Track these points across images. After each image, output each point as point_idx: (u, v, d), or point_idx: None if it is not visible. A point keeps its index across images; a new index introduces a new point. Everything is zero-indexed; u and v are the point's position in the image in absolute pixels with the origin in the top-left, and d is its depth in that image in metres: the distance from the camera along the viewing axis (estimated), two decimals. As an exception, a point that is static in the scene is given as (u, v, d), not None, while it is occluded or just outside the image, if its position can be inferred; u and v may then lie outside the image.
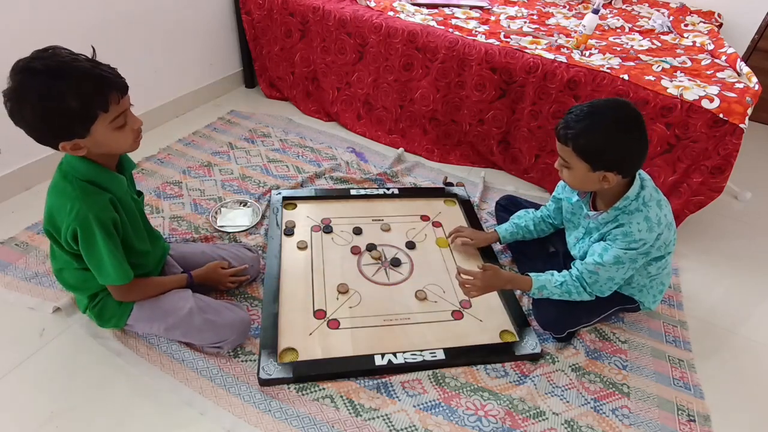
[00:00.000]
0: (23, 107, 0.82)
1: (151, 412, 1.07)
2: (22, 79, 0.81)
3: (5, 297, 1.28)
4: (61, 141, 0.86)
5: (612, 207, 1.13)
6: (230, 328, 1.16)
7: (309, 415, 1.08)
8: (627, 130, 1.03)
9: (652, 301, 1.29)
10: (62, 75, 0.81)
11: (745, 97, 1.52)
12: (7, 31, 1.45)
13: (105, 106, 0.85)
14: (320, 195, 1.74)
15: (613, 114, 1.03)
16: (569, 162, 1.08)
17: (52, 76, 0.80)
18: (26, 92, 0.81)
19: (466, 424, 1.10)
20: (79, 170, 0.93)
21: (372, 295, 1.38)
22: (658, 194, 1.14)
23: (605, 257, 1.13)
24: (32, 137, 0.87)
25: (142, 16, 1.85)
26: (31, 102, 0.81)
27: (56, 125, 0.84)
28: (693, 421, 1.16)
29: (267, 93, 2.44)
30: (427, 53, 1.92)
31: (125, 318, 1.13)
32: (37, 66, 0.81)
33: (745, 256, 1.74)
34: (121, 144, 0.93)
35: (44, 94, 0.80)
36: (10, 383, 1.10)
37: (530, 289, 1.23)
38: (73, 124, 0.85)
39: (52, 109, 0.82)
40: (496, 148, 2.00)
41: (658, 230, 1.10)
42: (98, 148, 0.91)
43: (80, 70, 0.83)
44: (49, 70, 0.81)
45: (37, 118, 0.83)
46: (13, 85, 0.82)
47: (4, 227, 1.48)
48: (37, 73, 0.80)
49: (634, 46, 1.99)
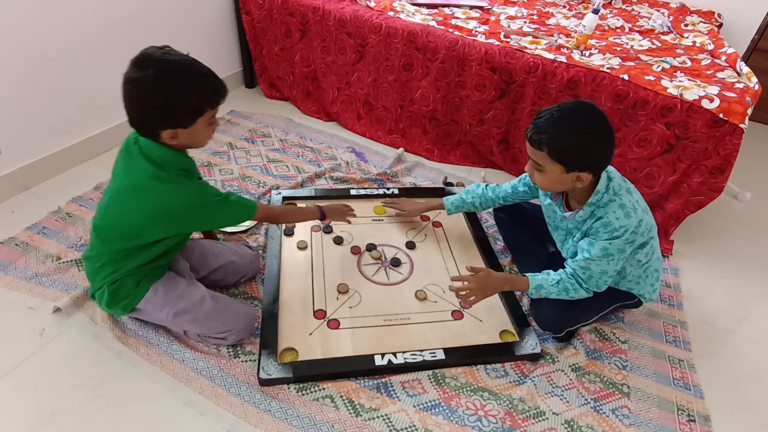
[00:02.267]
0: (151, 93, 0.89)
1: (151, 412, 1.07)
2: (160, 67, 0.89)
3: (5, 297, 1.28)
4: (168, 128, 0.94)
5: (586, 203, 1.15)
6: (238, 317, 1.18)
7: (309, 415, 1.08)
8: (598, 130, 1.05)
9: (651, 291, 1.29)
10: (187, 72, 0.92)
11: (745, 97, 1.52)
12: (7, 31, 1.45)
13: (215, 104, 0.97)
14: (320, 195, 1.74)
15: (584, 116, 1.05)
16: (542, 165, 1.09)
17: (180, 71, 0.91)
18: (162, 80, 0.89)
19: (466, 424, 1.10)
20: (176, 161, 1.02)
21: (372, 295, 1.38)
22: (626, 183, 1.16)
23: (593, 251, 1.14)
24: (138, 120, 0.94)
25: (142, 16, 1.85)
26: (164, 90, 0.89)
27: (175, 113, 0.93)
28: (693, 421, 1.16)
29: (267, 93, 2.44)
30: (427, 53, 1.92)
31: (137, 300, 1.13)
32: (170, 58, 0.91)
33: (745, 256, 1.74)
34: (204, 138, 1.03)
35: (174, 86, 0.90)
36: (10, 383, 1.10)
37: (528, 289, 1.23)
38: (187, 114, 0.94)
39: (179, 99, 0.91)
40: (496, 148, 2.00)
41: (637, 216, 1.11)
42: (187, 139, 0.99)
43: (200, 70, 0.94)
44: (182, 64, 0.92)
45: (161, 104, 0.91)
46: (142, 75, 0.88)
47: (4, 227, 1.48)
48: (173, 64, 0.90)
49: (634, 46, 1.99)
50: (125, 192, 1.01)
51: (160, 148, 0.99)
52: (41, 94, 1.61)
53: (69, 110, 1.72)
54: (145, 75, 0.88)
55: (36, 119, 1.63)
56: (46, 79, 1.60)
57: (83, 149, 1.80)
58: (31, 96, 1.59)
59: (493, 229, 1.69)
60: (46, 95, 1.63)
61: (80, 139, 1.79)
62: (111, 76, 1.81)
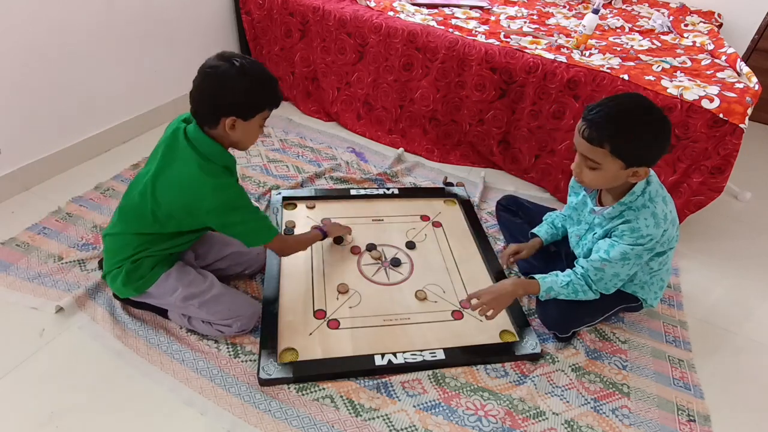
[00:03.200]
0: (234, 80, 0.98)
1: (151, 412, 1.08)
2: (243, 61, 0.99)
3: (7, 298, 1.28)
4: (230, 115, 1.01)
5: (618, 202, 1.13)
6: (245, 305, 1.23)
7: (309, 415, 1.08)
8: (659, 123, 1.02)
9: (653, 297, 1.29)
10: (264, 72, 1.04)
11: (745, 97, 1.52)
12: (7, 31, 1.45)
13: (273, 106, 1.07)
14: (320, 195, 1.74)
15: (642, 109, 1.02)
16: (600, 163, 1.05)
17: (259, 69, 1.03)
18: (245, 71, 0.99)
19: (466, 424, 1.10)
20: (221, 157, 1.07)
21: (372, 295, 1.38)
22: (663, 190, 1.14)
23: (612, 253, 1.13)
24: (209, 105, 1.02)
25: (143, 16, 1.85)
26: (244, 80, 0.99)
27: (245, 104, 1.02)
28: (693, 421, 1.16)
29: (267, 93, 2.44)
30: (427, 53, 1.92)
31: (150, 283, 1.16)
32: (248, 58, 1.02)
33: (745, 256, 1.74)
34: (251, 139, 1.11)
35: (255, 78, 1.01)
36: (10, 383, 1.10)
37: (539, 292, 1.23)
38: (252, 108, 1.03)
39: (252, 90, 1.01)
40: (496, 148, 2.00)
41: (665, 226, 1.10)
42: (240, 134, 1.06)
43: (272, 76, 1.06)
44: (257, 63, 1.04)
45: (239, 91, 0.99)
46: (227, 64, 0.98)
47: (4, 227, 1.48)
48: (252, 62, 1.02)
49: (634, 46, 1.99)
50: (166, 178, 1.05)
51: (210, 141, 1.05)
52: (41, 94, 1.61)
53: (69, 110, 1.72)
54: (230, 65, 0.98)
55: (36, 119, 1.63)
56: (46, 79, 1.60)
57: (83, 149, 1.80)
58: (31, 96, 1.59)
59: (494, 229, 1.69)
60: (46, 95, 1.63)
61: (80, 139, 1.79)
62: (111, 76, 1.83)
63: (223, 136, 1.05)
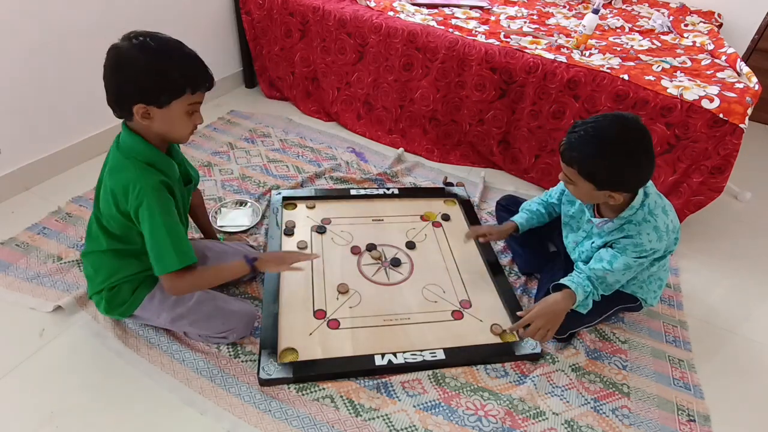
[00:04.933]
0: (133, 61, 0.87)
1: (151, 412, 1.07)
2: (143, 40, 0.87)
3: (6, 297, 1.28)
4: (141, 102, 0.89)
5: (617, 216, 1.13)
6: (238, 316, 1.18)
7: (309, 415, 1.08)
8: (633, 151, 1.00)
9: (653, 297, 1.29)
10: (175, 48, 0.91)
11: (745, 97, 1.52)
12: (6, 31, 1.45)
13: (195, 88, 0.93)
14: (320, 195, 1.74)
15: (619, 137, 1.00)
16: (574, 180, 1.07)
17: (166, 44, 0.90)
18: (143, 50, 0.87)
19: (466, 424, 1.10)
20: (140, 152, 0.97)
21: (372, 295, 1.38)
22: (662, 200, 1.14)
23: (615, 265, 1.13)
24: (117, 93, 0.91)
25: (142, 16, 1.85)
26: (144, 58, 0.87)
27: (151, 85, 0.88)
28: (693, 421, 1.16)
29: (267, 93, 2.44)
30: (427, 53, 1.92)
31: (134, 307, 1.13)
32: (160, 35, 0.90)
33: (745, 256, 1.74)
34: (180, 129, 0.97)
35: (157, 55, 0.88)
36: (10, 383, 1.10)
37: (575, 302, 1.17)
38: (164, 90, 0.90)
39: (158, 69, 0.88)
40: (496, 148, 2.00)
41: (667, 238, 1.11)
42: (162, 126, 0.94)
43: (188, 51, 0.93)
44: (171, 40, 0.91)
45: (141, 73, 0.87)
46: (129, 43, 0.87)
47: (4, 227, 1.48)
48: (155, 39, 0.89)
49: (634, 46, 1.99)
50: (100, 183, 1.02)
51: (130, 136, 0.96)
52: (41, 94, 1.61)
53: (69, 110, 1.72)
54: (129, 44, 0.87)
55: (36, 119, 1.63)
56: (46, 79, 1.60)
57: (83, 149, 1.80)
58: (31, 96, 1.59)
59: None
60: (46, 95, 1.63)
61: (80, 139, 1.79)
62: (111, 76, 1.83)
63: (143, 128, 0.95)
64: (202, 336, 1.19)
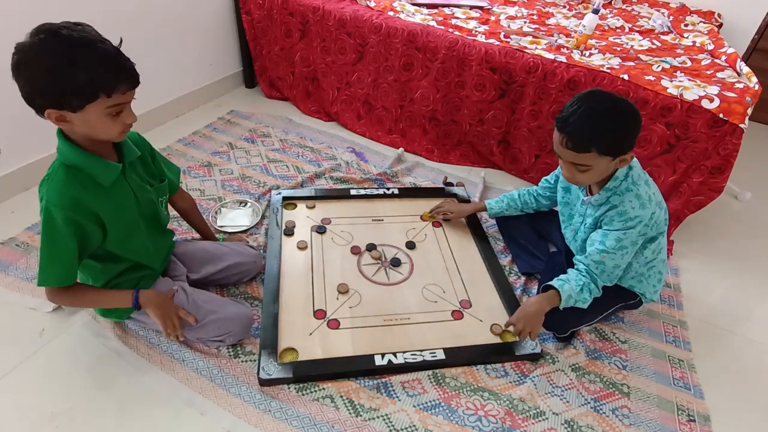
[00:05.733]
0: (34, 62, 0.80)
1: (151, 412, 1.07)
2: (45, 37, 0.80)
3: (6, 297, 1.28)
4: (51, 107, 0.84)
5: (603, 188, 1.17)
6: (234, 321, 1.17)
7: (309, 415, 1.08)
8: (624, 111, 1.06)
9: (653, 291, 1.29)
10: (84, 47, 0.81)
11: (745, 97, 1.52)
12: (6, 31, 1.45)
13: (110, 91, 0.85)
14: (320, 195, 1.74)
15: (610, 104, 1.06)
16: (589, 165, 1.08)
17: (73, 44, 0.81)
18: (44, 49, 0.80)
19: (466, 424, 1.10)
20: (66, 155, 0.92)
21: (372, 295, 1.38)
22: (645, 175, 1.18)
23: (607, 243, 1.15)
24: (25, 96, 0.84)
25: (142, 16, 1.85)
26: (45, 59, 0.80)
27: (56, 90, 0.82)
28: (693, 421, 1.16)
29: (267, 93, 2.44)
30: (427, 53, 1.92)
31: (127, 313, 1.14)
32: (63, 31, 0.81)
33: (745, 256, 1.74)
34: (106, 131, 0.90)
35: (60, 56, 0.80)
36: (10, 383, 1.10)
37: (560, 302, 1.19)
38: (73, 95, 0.82)
39: (61, 73, 0.80)
40: (496, 148, 2.00)
41: (651, 207, 1.13)
42: (84, 128, 0.89)
43: (102, 50, 0.83)
44: (73, 38, 0.81)
45: (42, 76, 0.81)
46: (33, 40, 0.80)
47: (4, 227, 1.48)
48: (60, 36, 0.80)
49: (634, 46, 1.99)
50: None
51: (58, 137, 0.91)
52: (41, 94, 1.61)
53: (69, 110, 1.72)
54: (32, 42, 0.80)
55: (36, 119, 1.61)
56: (46, 79, 1.60)
57: (83, 149, 1.80)
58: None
59: (494, 229, 1.69)
60: (46, 95, 1.63)
61: (80, 139, 1.79)
62: (111, 76, 1.82)
63: (67, 129, 0.90)
64: (200, 339, 1.19)
